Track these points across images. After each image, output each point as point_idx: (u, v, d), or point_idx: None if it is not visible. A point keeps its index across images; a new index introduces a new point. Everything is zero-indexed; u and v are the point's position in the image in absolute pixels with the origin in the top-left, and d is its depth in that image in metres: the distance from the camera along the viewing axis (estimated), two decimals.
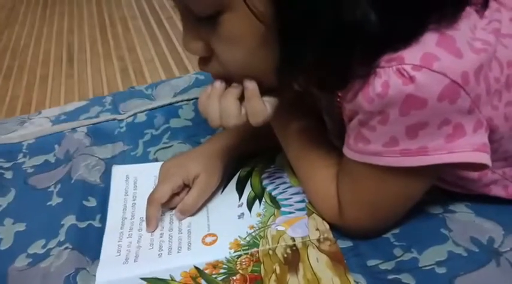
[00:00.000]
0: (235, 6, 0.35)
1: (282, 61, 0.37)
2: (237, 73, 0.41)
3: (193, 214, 0.53)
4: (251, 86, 0.41)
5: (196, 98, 0.72)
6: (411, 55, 0.34)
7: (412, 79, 0.34)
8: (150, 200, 0.52)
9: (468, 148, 0.37)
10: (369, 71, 0.36)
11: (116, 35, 1.13)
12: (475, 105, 0.36)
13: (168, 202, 0.52)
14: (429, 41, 0.35)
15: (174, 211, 0.53)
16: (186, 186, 0.53)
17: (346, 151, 0.42)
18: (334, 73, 0.37)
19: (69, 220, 0.54)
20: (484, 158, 0.38)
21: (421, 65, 0.34)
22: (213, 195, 0.55)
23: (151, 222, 0.51)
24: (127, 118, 0.72)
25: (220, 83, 0.42)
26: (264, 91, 0.42)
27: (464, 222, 0.47)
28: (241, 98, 0.42)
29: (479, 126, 0.37)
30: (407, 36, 0.35)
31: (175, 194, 0.53)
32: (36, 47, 1.13)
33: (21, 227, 0.55)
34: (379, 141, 0.38)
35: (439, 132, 0.36)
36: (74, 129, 0.71)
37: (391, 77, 0.35)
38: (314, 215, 0.50)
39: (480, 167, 0.39)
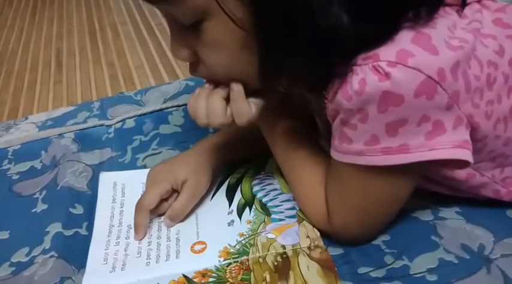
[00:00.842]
0: (214, 13, 0.37)
1: (262, 65, 0.38)
2: (223, 76, 0.42)
3: (182, 221, 0.52)
4: (236, 88, 0.42)
5: (186, 104, 0.72)
6: (386, 52, 0.35)
7: (387, 75, 0.35)
8: (138, 207, 0.51)
9: (449, 145, 0.37)
10: (347, 69, 0.36)
11: (106, 41, 1.12)
12: (453, 102, 0.36)
13: (156, 209, 0.52)
14: (405, 38, 0.35)
15: (162, 218, 0.52)
16: (175, 191, 0.52)
17: (332, 153, 0.42)
18: (314, 74, 0.38)
19: (55, 227, 0.53)
20: (466, 155, 0.38)
21: (396, 62, 0.34)
22: (203, 202, 0.54)
23: (140, 230, 0.50)
24: (115, 124, 0.71)
25: (209, 85, 0.44)
26: (250, 92, 0.43)
27: (454, 229, 0.47)
28: (229, 99, 0.43)
29: (459, 123, 0.38)
30: (382, 35, 0.35)
31: (163, 200, 0.52)
32: (24, 52, 1.12)
33: (4, 235, 0.54)
34: (360, 140, 0.38)
35: (418, 129, 0.37)
36: (61, 135, 0.70)
37: (368, 74, 0.35)
38: (304, 222, 0.49)
39: (463, 164, 0.39)
